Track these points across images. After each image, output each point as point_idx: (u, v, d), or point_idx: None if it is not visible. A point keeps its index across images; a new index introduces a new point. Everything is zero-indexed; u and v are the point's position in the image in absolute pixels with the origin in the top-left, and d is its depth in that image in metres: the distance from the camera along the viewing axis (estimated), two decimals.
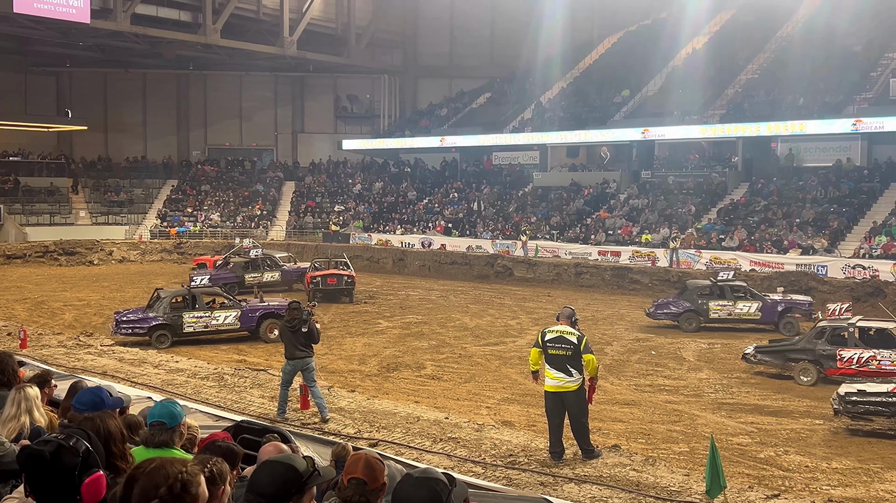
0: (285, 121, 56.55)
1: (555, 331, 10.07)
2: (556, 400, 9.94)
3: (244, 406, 12.40)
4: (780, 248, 30.40)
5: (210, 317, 20.41)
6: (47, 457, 3.05)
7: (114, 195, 48.82)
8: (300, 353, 12.30)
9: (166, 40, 44.35)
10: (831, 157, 35.52)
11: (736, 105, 38.31)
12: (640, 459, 9.73)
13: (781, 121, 34.53)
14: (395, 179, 50.57)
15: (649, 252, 32.92)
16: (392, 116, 55.06)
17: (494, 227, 39.75)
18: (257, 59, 49.76)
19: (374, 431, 10.90)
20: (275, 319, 20.33)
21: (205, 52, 47.93)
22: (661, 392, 15.39)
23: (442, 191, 46.89)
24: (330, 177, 52.85)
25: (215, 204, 49.28)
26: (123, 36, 42.93)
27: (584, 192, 40.58)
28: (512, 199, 42.91)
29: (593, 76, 47.59)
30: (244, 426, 6.96)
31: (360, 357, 18.77)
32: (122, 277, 35.57)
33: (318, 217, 47.96)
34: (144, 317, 19.96)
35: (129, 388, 12.02)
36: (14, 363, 5.64)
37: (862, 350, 15.80)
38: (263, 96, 56.02)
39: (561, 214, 39.08)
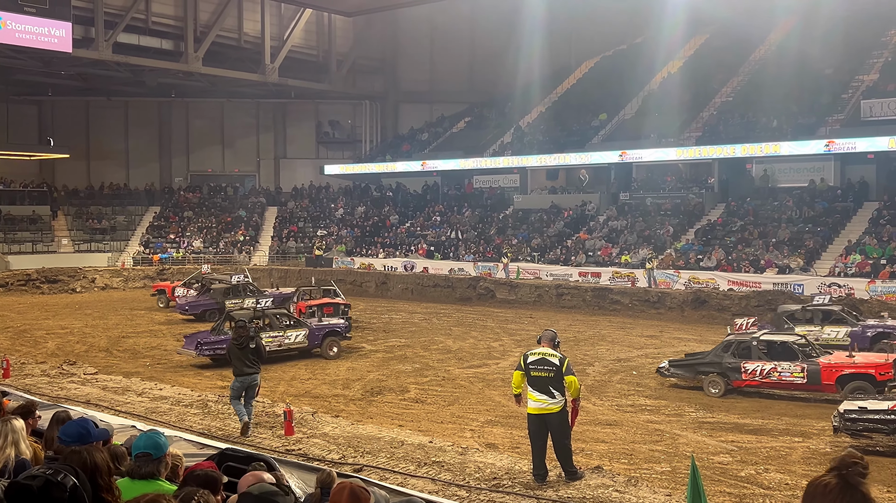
0: (267, 146, 56.56)
1: (537, 354, 10.10)
2: (539, 422, 9.95)
3: (228, 433, 12.31)
4: (756, 268, 30.63)
5: (283, 337, 21.29)
6: (35, 492, 3.02)
7: (96, 223, 48.53)
8: (248, 370, 12.88)
9: (148, 68, 44.35)
10: (805, 177, 35.92)
11: (711, 127, 38.72)
12: (623, 480, 9.74)
13: (756, 142, 34.90)
14: (377, 203, 50.64)
15: (629, 273, 33.06)
16: (374, 141, 55.24)
17: (476, 250, 39.83)
18: (239, 86, 49.82)
19: (359, 456, 10.85)
20: (335, 337, 21.76)
21: (187, 80, 47.95)
22: (642, 412, 15.43)
23: (424, 214, 46.98)
24: (312, 201, 52.84)
25: (198, 230, 49.11)
26: (105, 65, 42.89)
27: (564, 213, 40.78)
28: (493, 222, 43.04)
29: (571, 100, 47.97)
30: (229, 454, 6.93)
31: (343, 381, 18.69)
32: (105, 305, 35.28)
33: (300, 241, 47.90)
34: (226, 338, 20.28)
35: (113, 417, 11.92)
36: None
37: (764, 363, 16.54)
38: (245, 122, 56.05)
39: (541, 236, 39.22)
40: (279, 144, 56.72)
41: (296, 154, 56.60)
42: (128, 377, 17.75)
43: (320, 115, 56.68)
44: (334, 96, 53.99)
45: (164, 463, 4.60)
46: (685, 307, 30.02)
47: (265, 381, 18.63)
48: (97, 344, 24.47)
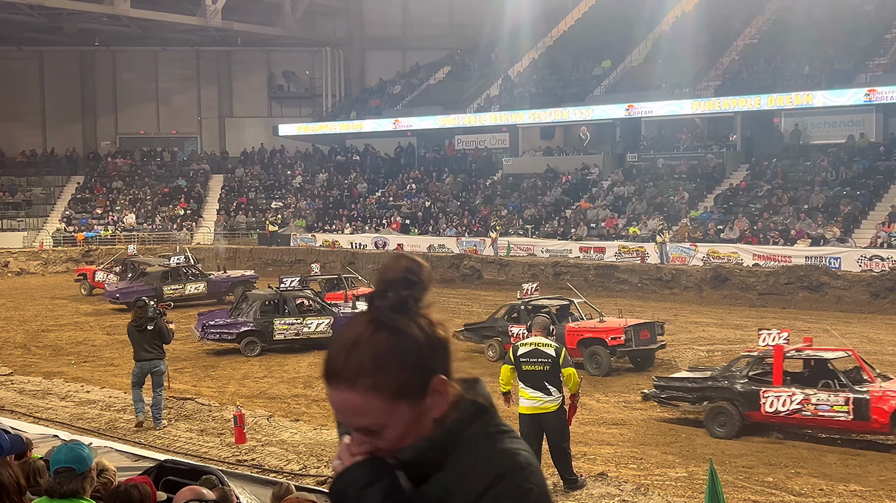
0: (210, 104, 56.16)
1: (529, 344, 10.14)
2: (533, 423, 10.00)
3: (168, 442, 12.32)
4: (786, 239, 30.81)
5: (302, 324, 21.65)
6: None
7: (8, 196, 48.11)
8: (147, 355, 13.53)
9: (67, 11, 43.82)
10: (842, 132, 36.05)
11: (733, 75, 38.78)
12: (631, 488, 9.84)
13: (785, 92, 34.95)
14: (341, 170, 50.49)
15: (638, 247, 33.14)
16: (336, 96, 54.98)
17: (459, 223, 39.83)
18: (175, 31, 49.35)
19: (323, 467, 10.89)
20: None
21: (113, 25, 47.43)
22: (653, 409, 15.53)
23: (397, 182, 46.91)
24: (265, 168, 52.63)
25: (129, 203, 48.81)
26: (15, 7, 42.33)
27: (562, 179, 40.83)
28: (478, 190, 43.03)
29: (569, 45, 47.87)
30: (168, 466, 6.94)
31: (305, 379, 18.69)
32: (22, 293, 35.06)
33: (252, 216, 47.73)
34: (234, 322, 21.18)
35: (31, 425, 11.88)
36: None
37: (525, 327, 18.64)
38: (184, 75, 55.60)
39: (535, 206, 39.27)
40: (224, 101, 56.32)
41: (244, 112, 56.26)
42: (49, 378, 17.69)
43: (272, 66, 56.30)
44: (288, 43, 53.58)
45: (88, 478, 4.58)
46: (703, 286, 30.17)
47: (213, 380, 18.68)
48: (12, 339, 24.34)
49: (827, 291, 27.85)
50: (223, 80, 56.17)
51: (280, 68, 56.22)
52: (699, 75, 39.61)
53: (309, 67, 56.09)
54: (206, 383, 18.51)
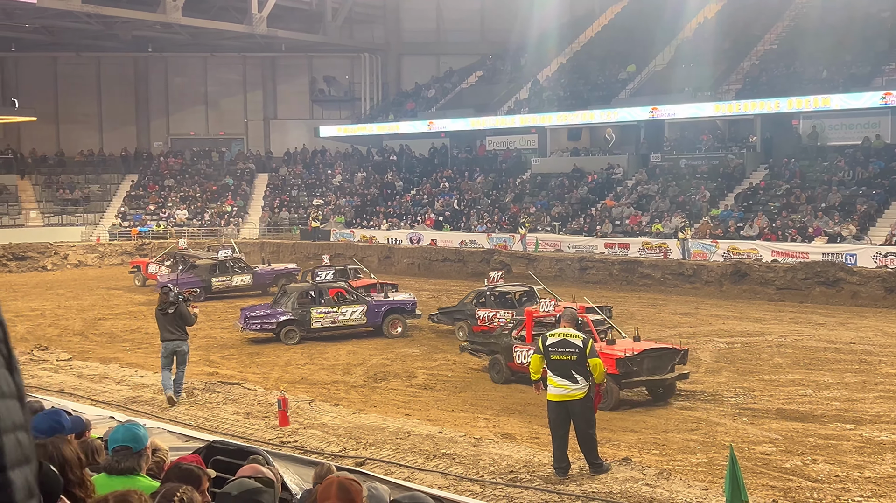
0: (256, 107, 56.50)
1: (557, 335, 10.11)
2: (561, 410, 9.98)
3: (217, 424, 12.41)
4: (804, 236, 30.51)
5: (337, 313, 22.03)
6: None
7: (68, 193, 48.66)
8: (170, 336, 14.26)
9: (122, 20, 44.21)
10: (859, 134, 35.63)
11: (753, 79, 38.42)
12: (654, 473, 9.78)
13: (803, 95, 34.60)
14: (378, 169, 50.58)
15: (661, 243, 33.00)
16: (374, 99, 55.06)
17: (490, 220, 39.79)
18: (223, 38, 49.65)
19: (361, 449, 10.92)
20: (399, 315, 22.40)
21: (165, 33, 47.80)
22: (675, 398, 15.45)
23: (431, 180, 46.93)
24: (307, 167, 52.84)
25: (180, 200, 49.21)
26: (74, 16, 42.77)
27: (588, 178, 40.66)
28: (508, 188, 42.95)
29: (595, 51, 47.65)
30: (217, 447, 6.98)
31: (343, 366, 18.79)
32: (79, 284, 35.50)
33: (294, 212, 47.96)
34: (273, 313, 21.55)
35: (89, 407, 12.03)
36: None
37: (491, 310, 21.14)
38: (231, 80, 55.96)
39: (563, 204, 39.14)
40: (269, 104, 56.64)
41: (287, 114, 56.52)
42: (105, 363, 17.89)
43: (314, 71, 56.52)
44: (329, 49, 53.75)
45: (144, 457, 4.63)
46: (723, 281, 29.96)
47: (258, 367, 18.83)
48: (71, 327, 24.65)
49: (843, 287, 27.56)
50: (268, 84, 56.46)
51: (321, 73, 56.40)
52: (720, 79, 39.29)
53: (348, 72, 56.21)
54: (251, 369, 18.66)
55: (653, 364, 15.32)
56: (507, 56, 50.43)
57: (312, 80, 56.54)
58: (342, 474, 3.96)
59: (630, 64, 44.07)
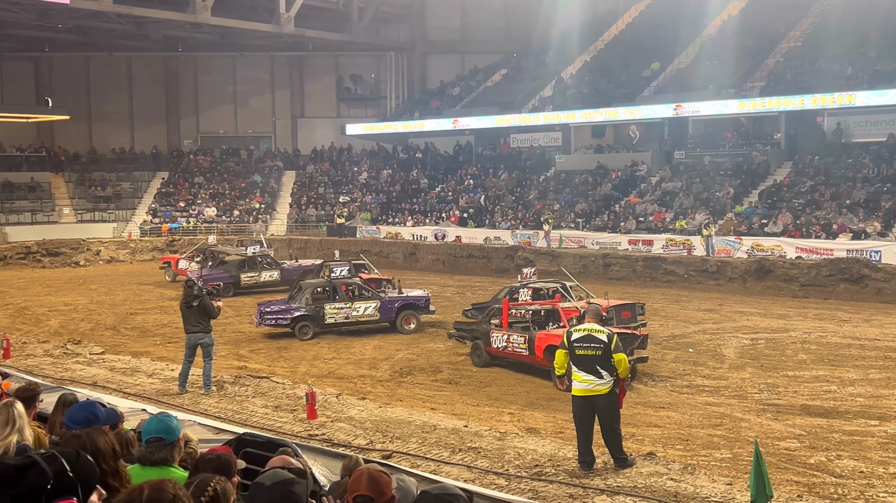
0: (283, 105, 56.72)
1: (582, 330, 10.08)
2: (586, 404, 9.95)
3: (246, 417, 12.48)
4: (828, 233, 30.24)
5: (350, 309, 22.15)
6: (11, 474, 3.03)
7: (100, 190, 49.11)
8: (193, 328, 14.58)
9: (152, 20, 44.51)
10: (883, 131, 35.24)
11: (777, 76, 38.09)
12: (679, 467, 9.73)
13: (828, 92, 34.24)
14: (404, 166, 50.62)
15: (684, 240, 32.83)
16: (400, 97, 55.10)
17: (514, 217, 39.72)
18: (252, 38, 49.85)
19: (388, 442, 10.95)
20: (412, 311, 22.44)
21: (194, 32, 48.06)
22: (700, 393, 15.37)
23: (455, 177, 46.92)
24: (333, 165, 52.99)
25: (210, 197, 49.53)
26: (106, 16, 43.10)
27: (612, 175, 40.50)
28: (532, 185, 42.86)
29: (619, 48, 47.41)
30: (247, 439, 7.03)
31: (370, 361, 18.84)
32: (112, 279, 35.82)
33: (321, 209, 48.12)
34: (288, 309, 21.77)
35: (122, 400, 12.14)
36: None
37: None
38: (259, 79, 56.20)
39: (587, 201, 39.01)
40: (296, 102, 56.85)
41: (314, 113, 56.70)
42: (137, 357, 18.05)
43: (341, 70, 56.64)
44: (356, 48, 53.81)
45: (177, 448, 4.66)
46: (748, 277, 29.77)
47: (286, 361, 18.92)
48: (103, 321, 24.88)
49: (867, 283, 27.31)
50: (295, 83, 56.65)
51: (348, 72, 56.50)
52: (744, 76, 38.99)
53: (374, 71, 56.27)
54: (279, 363, 18.75)
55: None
56: (532, 54, 50.27)
57: (339, 78, 56.66)
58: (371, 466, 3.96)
59: (654, 61, 43.82)
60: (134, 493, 2.90)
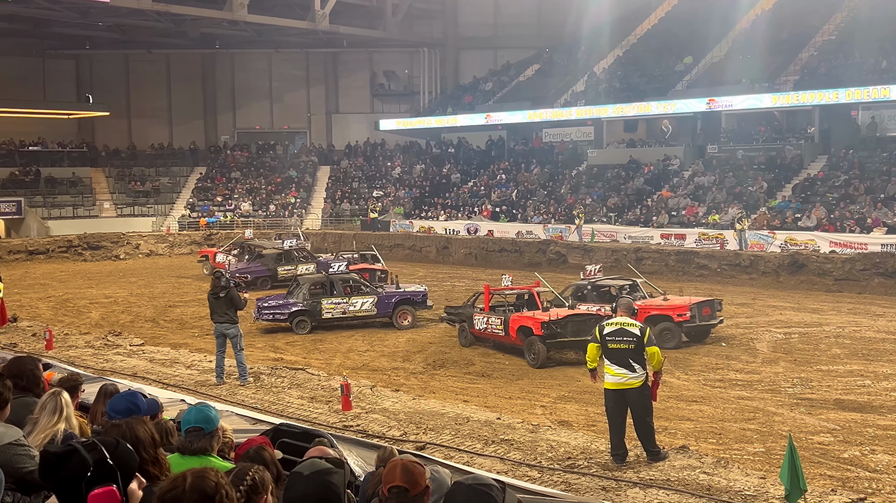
0: (318, 101, 56.96)
1: (614, 324, 10.03)
2: (618, 398, 9.90)
3: (282, 408, 12.56)
4: (863, 227, 29.84)
5: (348, 304, 22.00)
6: (53, 461, 3.08)
7: (139, 185, 49.66)
8: (220, 319, 14.72)
9: (190, 17, 44.89)
10: None
11: (811, 70, 37.61)
12: (711, 461, 9.66)
13: (862, 86, 33.80)
14: (437, 161, 50.64)
15: (717, 234, 32.57)
16: (433, 93, 55.11)
17: (546, 211, 39.60)
18: (287, 34, 50.11)
19: (421, 433, 10.97)
20: (409, 306, 22.23)
21: (231, 30, 48.42)
22: (732, 387, 15.24)
23: (488, 172, 46.85)
24: (367, 160, 53.13)
25: (246, 192, 49.88)
26: (145, 14, 43.54)
27: (644, 169, 40.24)
28: (564, 180, 42.70)
29: (652, 43, 47.05)
30: (283, 429, 7.08)
31: (403, 353, 18.89)
32: (151, 272, 36.21)
33: (355, 204, 48.27)
34: (285, 303, 21.67)
35: (161, 390, 12.26)
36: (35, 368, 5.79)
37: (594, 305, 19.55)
38: (294, 75, 56.46)
39: (619, 195, 38.81)
40: (331, 98, 57.05)
41: (349, 108, 56.88)
42: (176, 348, 18.22)
43: (374, 66, 56.74)
44: (389, 44, 53.90)
45: (216, 437, 4.70)
46: (781, 272, 29.46)
47: (321, 353, 19.03)
48: (143, 313, 25.16)
49: None
50: (330, 79, 56.86)
51: (381, 68, 56.61)
52: (778, 70, 38.55)
53: (408, 67, 56.33)
54: (314, 356, 18.85)
55: (576, 327, 17.40)
56: (564, 49, 50.05)
57: (373, 74, 56.77)
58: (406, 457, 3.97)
59: (686, 55, 43.46)
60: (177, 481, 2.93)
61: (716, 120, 40.82)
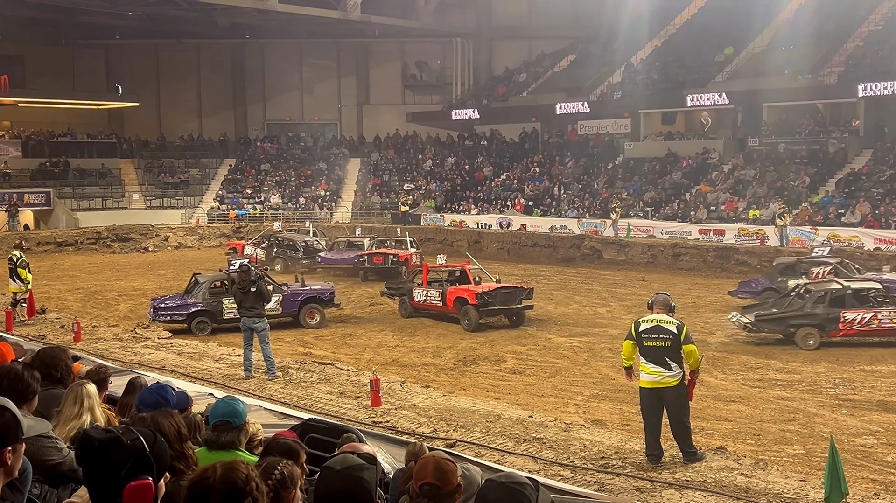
0: (349, 92, 57.11)
1: (650, 321, 9.96)
2: (654, 396, 9.84)
3: (311, 403, 12.62)
4: None
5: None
6: (95, 446, 3.10)
7: (168, 176, 50.11)
8: (248, 313, 14.77)
9: (220, 7, 45.18)
10: None
11: (856, 62, 37.12)
12: (750, 463, 9.57)
13: None
14: (469, 154, 50.59)
15: (758, 230, 32.30)
16: (465, 84, 55.02)
17: (580, 205, 39.46)
18: (318, 24, 50.26)
19: (452, 431, 10.98)
20: (316, 304, 21.78)
21: (261, 19, 48.66)
22: (772, 387, 15.11)
23: (521, 165, 46.74)
24: (398, 152, 53.19)
25: (276, 184, 50.14)
26: (175, 3, 43.93)
27: (683, 163, 39.95)
28: (600, 173, 42.51)
29: (691, 33, 46.70)
30: (312, 425, 7.11)
31: (434, 349, 18.92)
32: (180, 264, 36.50)
33: (385, 196, 48.35)
34: (183, 304, 20.88)
35: (189, 384, 12.36)
36: (68, 359, 5.85)
37: (865, 311, 18.36)
38: (325, 66, 56.65)
39: (656, 189, 38.58)
40: (361, 89, 57.18)
41: (380, 100, 56.98)
42: (204, 342, 18.37)
43: (406, 56, 56.77)
44: (421, 34, 53.89)
45: (244, 431, 4.72)
46: None
47: (350, 348, 19.11)
48: None
49: None
50: (361, 69, 56.98)
51: (413, 58, 56.63)
52: (822, 61, 38.07)
53: (440, 57, 56.30)
54: (343, 350, 18.93)
55: (504, 298, 21.24)
56: (600, 39, 49.76)
57: (404, 65, 56.82)
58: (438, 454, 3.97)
59: (727, 46, 43.06)
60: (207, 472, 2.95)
61: (757, 112, 40.43)
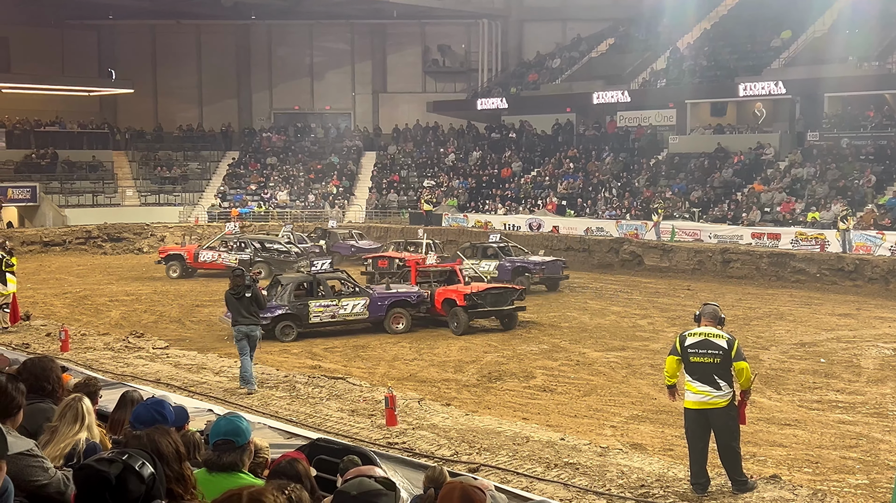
0: (364, 79, 57.27)
1: (698, 335, 9.91)
2: (700, 418, 9.80)
3: (320, 421, 12.66)
4: None
5: (337, 307, 21.98)
6: (112, 482, 3.14)
7: (165, 170, 50.39)
8: (244, 321, 14.95)
9: None
10: None
11: None
12: (806, 493, 9.52)
13: None
14: (496, 148, 50.61)
15: (817, 234, 32.14)
16: (492, 70, 55.06)
17: (619, 205, 39.39)
18: (330, 4, 50.50)
19: (475, 453, 10.98)
20: (402, 308, 22.38)
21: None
22: (832, 410, 15.02)
23: (554, 161, 46.71)
24: (417, 145, 53.29)
25: (283, 180, 50.31)
26: None
27: (734, 159, 39.84)
28: (641, 170, 42.43)
29: (744, 14, 46.57)
30: (321, 445, 7.14)
31: (455, 363, 18.91)
32: None
33: (403, 195, 48.43)
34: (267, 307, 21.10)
35: (187, 399, 12.44)
36: (58, 370, 5.91)
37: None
38: (338, 50, 56.83)
39: (703, 188, 38.49)
40: (378, 76, 57.32)
41: (398, 87, 57.09)
42: (203, 353, 18.45)
43: (427, 39, 56.86)
44: (444, 15, 53.93)
45: (247, 451, 4.72)
46: (890, 278, 29.00)
47: (363, 361, 19.15)
48: (167, 313, 25.55)
49: None
50: (377, 54, 57.12)
51: (435, 42, 56.70)
52: (890, 47, 37.84)
53: (465, 41, 56.35)
54: (356, 363, 18.97)
55: (495, 299, 22.24)
56: (643, 21, 49.73)
57: (425, 49, 56.91)
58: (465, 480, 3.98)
59: (785, 30, 42.89)
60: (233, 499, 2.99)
61: (817, 103, 40.27)
